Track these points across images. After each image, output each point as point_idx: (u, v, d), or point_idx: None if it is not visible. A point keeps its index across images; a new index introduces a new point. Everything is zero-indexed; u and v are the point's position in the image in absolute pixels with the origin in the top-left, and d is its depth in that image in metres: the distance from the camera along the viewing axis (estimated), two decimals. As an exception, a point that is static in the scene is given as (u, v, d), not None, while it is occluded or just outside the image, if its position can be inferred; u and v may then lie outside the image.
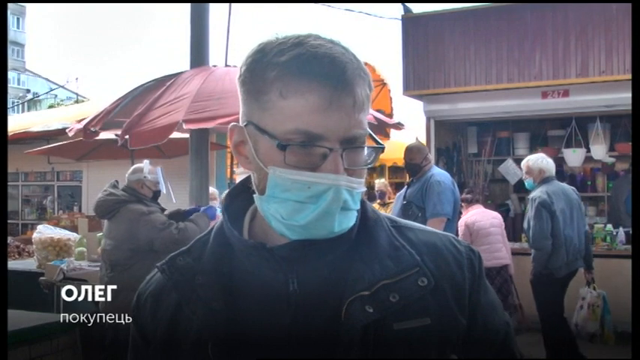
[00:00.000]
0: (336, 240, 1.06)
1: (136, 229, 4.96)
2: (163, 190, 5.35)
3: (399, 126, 6.28)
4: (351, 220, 1.05)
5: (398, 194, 6.33)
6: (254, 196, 1.09)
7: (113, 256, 5.06)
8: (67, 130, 5.64)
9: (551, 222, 5.78)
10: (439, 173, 5.69)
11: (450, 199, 5.45)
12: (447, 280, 1.10)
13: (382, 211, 1.23)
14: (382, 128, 5.78)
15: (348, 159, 1.03)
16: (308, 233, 1.04)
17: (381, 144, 1.08)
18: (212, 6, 6.18)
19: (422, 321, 1.05)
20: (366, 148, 1.06)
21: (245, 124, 1.07)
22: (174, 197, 5.90)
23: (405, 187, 6.00)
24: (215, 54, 7.24)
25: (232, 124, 1.10)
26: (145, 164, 5.31)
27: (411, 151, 5.85)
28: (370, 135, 1.08)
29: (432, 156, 5.93)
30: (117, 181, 5.32)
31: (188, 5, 6.09)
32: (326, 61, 1.00)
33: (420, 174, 5.69)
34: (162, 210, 5.27)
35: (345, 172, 1.02)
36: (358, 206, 1.07)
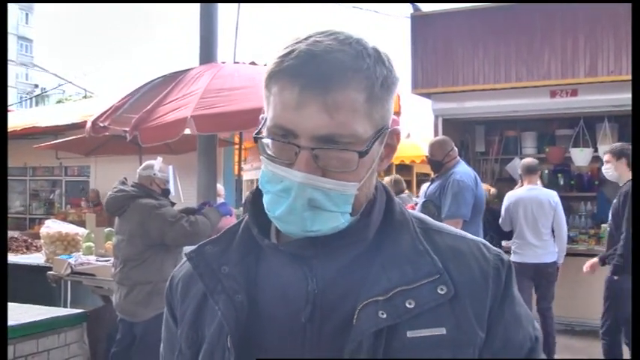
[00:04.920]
0: (348, 240, 1.05)
1: (147, 223, 4.92)
2: (172, 191, 5.32)
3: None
4: (330, 221, 1.02)
5: (422, 190, 6.19)
6: None
7: (125, 251, 5.03)
8: (86, 129, 5.61)
9: None
10: (461, 172, 5.39)
11: (469, 201, 5.25)
12: (468, 290, 1.05)
13: None
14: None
15: (324, 159, 1.00)
16: (285, 227, 1.03)
17: (364, 151, 1.01)
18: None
19: (437, 330, 1.02)
20: (349, 151, 1.00)
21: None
22: (182, 197, 5.83)
23: (429, 182, 5.83)
24: (223, 50, 7.24)
25: (262, 115, 1.11)
26: (157, 161, 5.29)
27: (432, 146, 5.71)
28: (378, 138, 1.04)
29: (455, 152, 5.63)
30: (125, 178, 5.29)
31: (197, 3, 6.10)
32: (305, 58, 0.98)
33: (442, 171, 5.50)
34: (172, 205, 5.23)
35: (320, 171, 1.00)
36: (345, 209, 1.02)
